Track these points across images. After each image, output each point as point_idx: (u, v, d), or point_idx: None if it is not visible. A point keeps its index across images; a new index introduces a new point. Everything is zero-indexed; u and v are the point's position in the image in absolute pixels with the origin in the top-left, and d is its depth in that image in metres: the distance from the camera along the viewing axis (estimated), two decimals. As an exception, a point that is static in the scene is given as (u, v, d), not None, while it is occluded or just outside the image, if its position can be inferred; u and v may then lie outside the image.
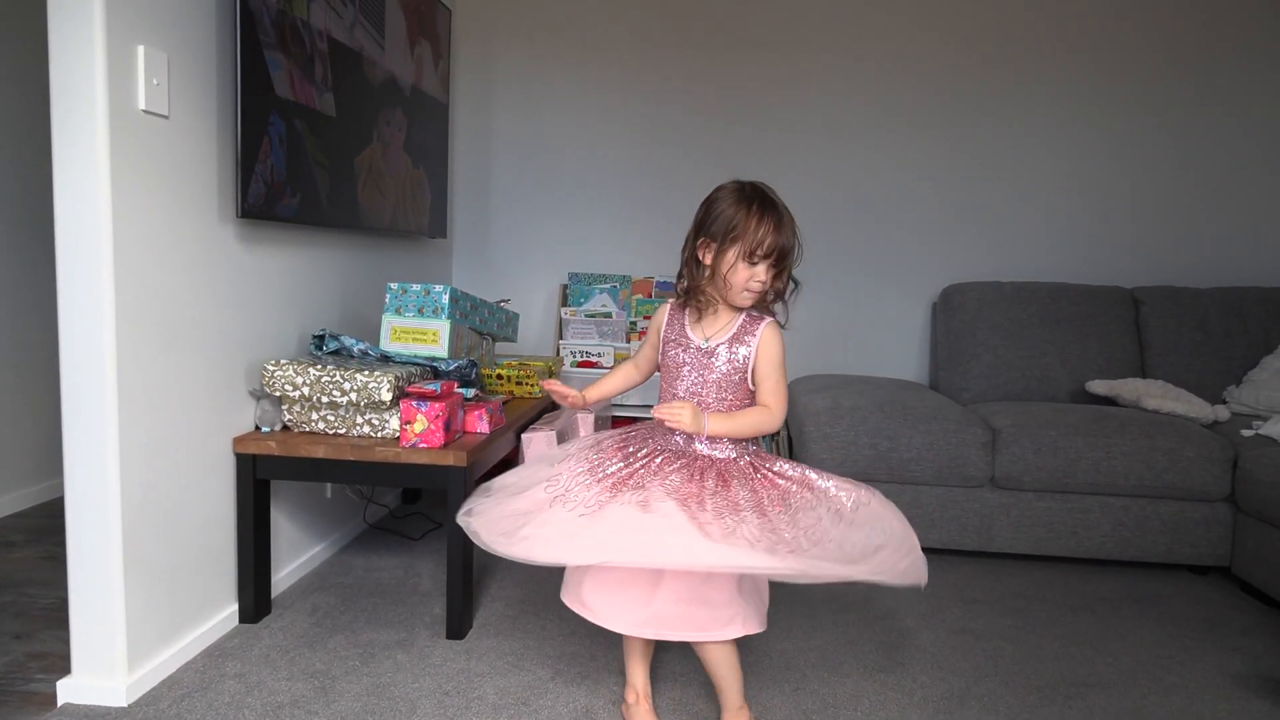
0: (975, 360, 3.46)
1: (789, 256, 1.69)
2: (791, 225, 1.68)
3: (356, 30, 2.59)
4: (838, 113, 3.77)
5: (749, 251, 1.65)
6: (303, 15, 2.28)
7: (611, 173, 3.90)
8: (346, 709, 1.84)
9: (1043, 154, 3.72)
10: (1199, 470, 2.73)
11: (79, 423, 1.77)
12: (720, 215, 1.68)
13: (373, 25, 2.70)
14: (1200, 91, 3.63)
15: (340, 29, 2.49)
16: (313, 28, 2.33)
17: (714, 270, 1.70)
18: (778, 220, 1.66)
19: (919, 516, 2.86)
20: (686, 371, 1.75)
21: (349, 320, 2.80)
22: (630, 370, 1.93)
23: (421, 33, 3.12)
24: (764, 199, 1.68)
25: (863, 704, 1.94)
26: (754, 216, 1.65)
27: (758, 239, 1.65)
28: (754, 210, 1.66)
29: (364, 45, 2.65)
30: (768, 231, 1.65)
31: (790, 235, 1.67)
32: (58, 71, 1.69)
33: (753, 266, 1.67)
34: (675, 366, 1.78)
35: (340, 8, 2.48)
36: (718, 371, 1.73)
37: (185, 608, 2.04)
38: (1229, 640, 2.36)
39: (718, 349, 1.73)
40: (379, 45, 2.76)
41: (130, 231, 1.78)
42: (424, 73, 3.16)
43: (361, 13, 2.62)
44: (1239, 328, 3.37)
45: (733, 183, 1.73)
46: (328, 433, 2.23)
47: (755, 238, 1.65)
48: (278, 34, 2.16)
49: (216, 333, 2.11)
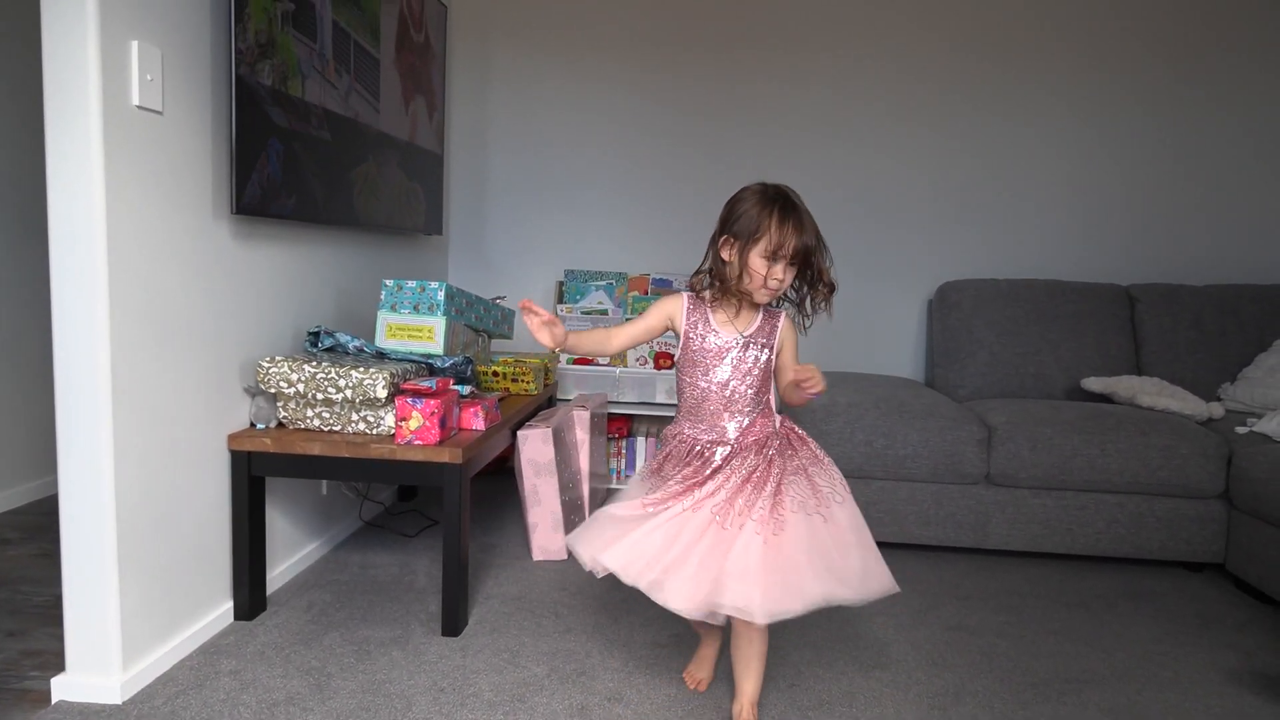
0: (971, 357, 3.46)
1: (810, 257, 1.77)
2: (813, 228, 1.76)
3: (352, 98, 2.61)
4: (834, 110, 3.77)
5: (771, 251, 1.72)
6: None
7: (608, 170, 3.89)
8: (342, 706, 1.84)
9: (1039, 152, 3.72)
10: (1194, 467, 2.74)
11: (73, 419, 1.77)
12: (744, 215, 1.75)
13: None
14: (1197, 90, 3.63)
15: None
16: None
17: (739, 268, 1.77)
18: (799, 222, 1.73)
19: (914, 513, 2.86)
20: (725, 363, 1.82)
21: (344, 317, 2.79)
22: (604, 335, 1.90)
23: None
24: (785, 200, 1.75)
25: (858, 700, 1.94)
26: (775, 217, 1.72)
27: (780, 239, 1.72)
28: (776, 211, 1.73)
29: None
30: (789, 232, 1.72)
31: (811, 237, 1.75)
32: (51, 67, 1.69)
33: (772, 265, 1.74)
34: (710, 355, 1.83)
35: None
36: (750, 363, 1.82)
37: (180, 605, 2.04)
38: (1223, 636, 2.37)
39: (749, 343, 1.83)
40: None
41: (124, 228, 1.78)
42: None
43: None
44: (1234, 325, 3.37)
45: (757, 184, 1.80)
46: (323, 429, 2.23)
47: (777, 238, 1.72)
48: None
49: (211, 329, 2.10)
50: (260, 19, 2.10)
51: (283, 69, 2.20)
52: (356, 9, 2.59)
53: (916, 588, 2.64)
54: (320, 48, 2.39)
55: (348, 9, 2.53)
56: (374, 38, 2.73)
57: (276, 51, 2.16)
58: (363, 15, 2.63)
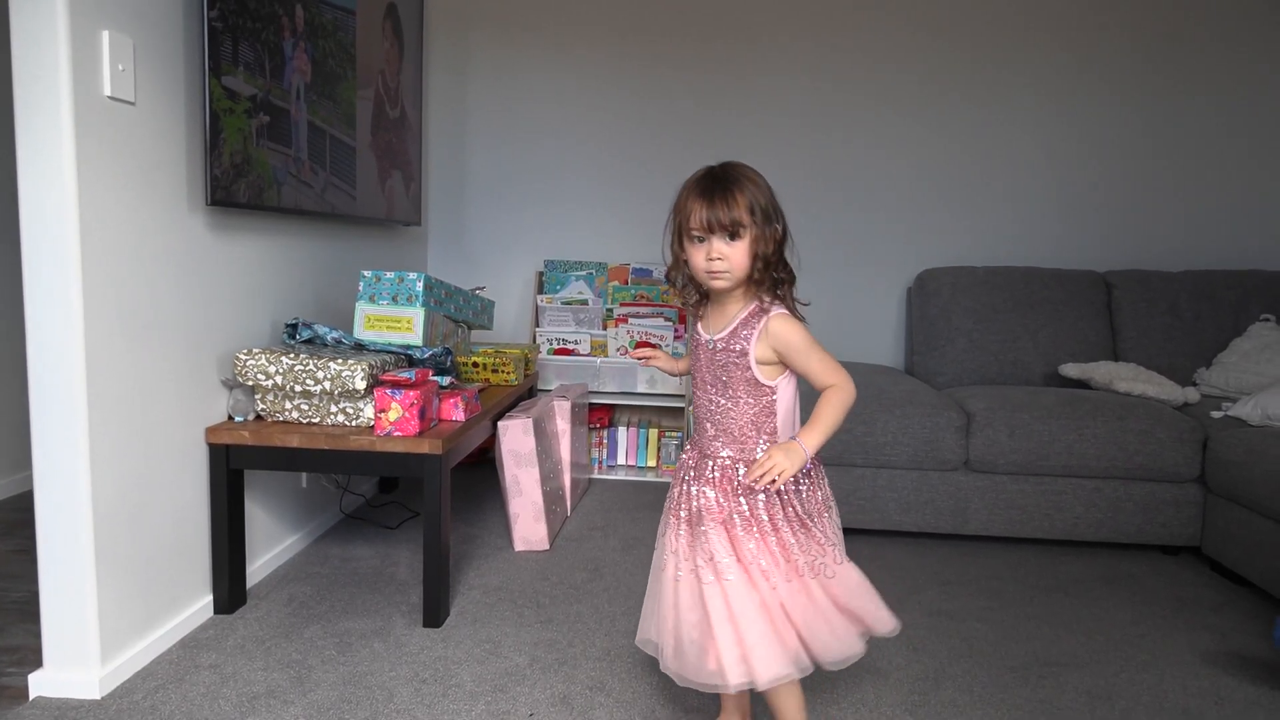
0: (950, 344, 3.48)
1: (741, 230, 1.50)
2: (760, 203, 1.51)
3: (328, 193, 2.60)
4: (813, 98, 3.77)
5: (703, 227, 1.51)
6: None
7: (587, 160, 3.88)
8: (323, 698, 1.83)
9: (1016, 139, 3.74)
10: (1170, 452, 2.77)
11: (47, 415, 1.75)
12: (678, 201, 1.57)
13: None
14: (1171, 77, 3.66)
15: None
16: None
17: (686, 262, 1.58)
18: (721, 194, 1.50)
19: (894, 500, 2.88)
20: (698, 369, 1.64)
21: (322, 309, 2.77)
22: None
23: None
24: (707, 174, 1.55)
25: (839, 686, 1.95)
26: (698, 190, 1.52)
27: (695, 215, 1.51)
28: (699, 186, 1.53)
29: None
30: (703, 206, 1.50)
31: (745, 212, 1.50)
32: (20, 57, 1.66)
33: (709, 243, 1.52)
34: (694, 368, 1.66)
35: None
36: (718, 366, 1.58)
37: (159, 599, 2.02)
38: (1199, 618, 2.39)
39: (717, 343, 1.58)
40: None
41: (97, 220, 1.76)
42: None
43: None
44: (1209, 310, 3.41)
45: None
46: (301, 422, 2.22)
47: (696, 216, 1.51)
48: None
49: (187, 322, 2.09)
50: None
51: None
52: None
53: (896, 574, 2.66)
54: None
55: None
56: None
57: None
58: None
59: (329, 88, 2.57)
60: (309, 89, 2.44)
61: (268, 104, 2.24)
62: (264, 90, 2.22)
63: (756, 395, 1.57)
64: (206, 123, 2.01)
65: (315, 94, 2.49)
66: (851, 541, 2.93)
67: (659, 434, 3.72)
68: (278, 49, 2.27)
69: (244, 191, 2.15)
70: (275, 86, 2.28)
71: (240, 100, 2.12)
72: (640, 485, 3.57)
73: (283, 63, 2.30)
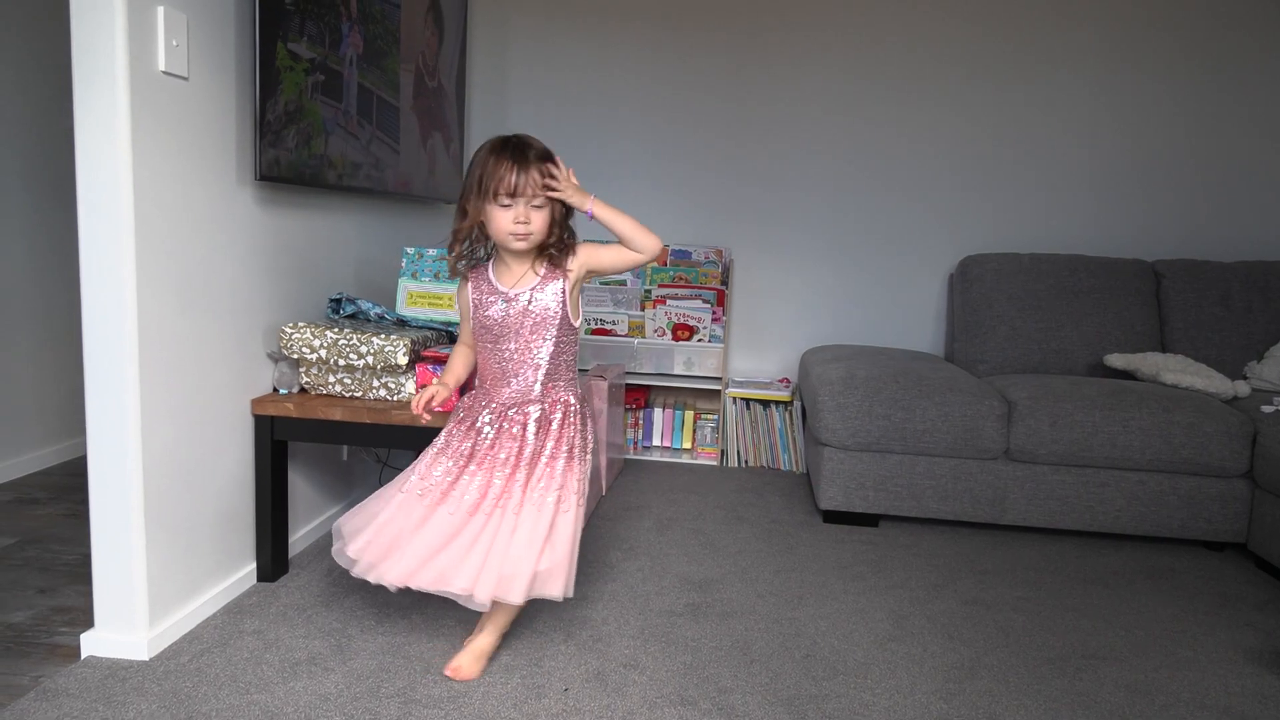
0: (992, 332, 3.44)
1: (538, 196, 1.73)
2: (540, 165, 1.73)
3: (373, 145, 2.70)
4: (854, 87, 3.73)
5: (494, 193, 1.71)
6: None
7: (629, 140, 3.88)
8: (362, 666, 1.86)
9: (1062, 125, 3.67)
10: (1217, 446, 2.72)
11: (100, 383, 1.79)
12: (478, 166, 1.74)
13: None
14: (1224, 62, 3.56)
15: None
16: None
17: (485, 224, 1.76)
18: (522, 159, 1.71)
19: (932, 488, 2.86)
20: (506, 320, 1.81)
21: (365, 284, 2.81)
22: (465, 351, 1.98)
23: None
24: (507, 140, 1.75)
25: (873, 672, 1.95)
26: (502, 157, 1.71)
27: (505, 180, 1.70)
28: (503, 151, 1.72)
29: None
30: (513, 171, 1.70)
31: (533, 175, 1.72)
32: (78, 33, 1.69)
33: (506, 209, 1.72)
34: (493, 322, 1.82)
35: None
36: (534, 316, 1.80)
37: (205, 566, 2.07)
38: (1243, 616, 2.36)
39: (521, 296, 1.80)
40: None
41: (151, 193, 1.79)
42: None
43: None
44: (1261, 302, 3.33)
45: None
46: (344, 395, 2.25)
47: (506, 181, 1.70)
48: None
49: (235, 294, 2.12)
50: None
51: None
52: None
53: (933, 562, 2.64)
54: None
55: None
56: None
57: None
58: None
59: (378, 59, 2.70)
60: (360, 59, 2.57)
61: (325, 67, 2.35)
62: (322, 56, 2.33)
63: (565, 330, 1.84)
64: (257, 98, 2.03)
65: (365, 63, 2.61)
66: (887, 528, 2.93)
67: (694, 416, 3.72)
68: (336, 28, 2.40)
69: (293, 137, 2.21)
70: (332, 54, 2.39)
71: (300, 61, 2.22)
72: (675, 466, 3.58)
73: (340, 39, 2.42)
